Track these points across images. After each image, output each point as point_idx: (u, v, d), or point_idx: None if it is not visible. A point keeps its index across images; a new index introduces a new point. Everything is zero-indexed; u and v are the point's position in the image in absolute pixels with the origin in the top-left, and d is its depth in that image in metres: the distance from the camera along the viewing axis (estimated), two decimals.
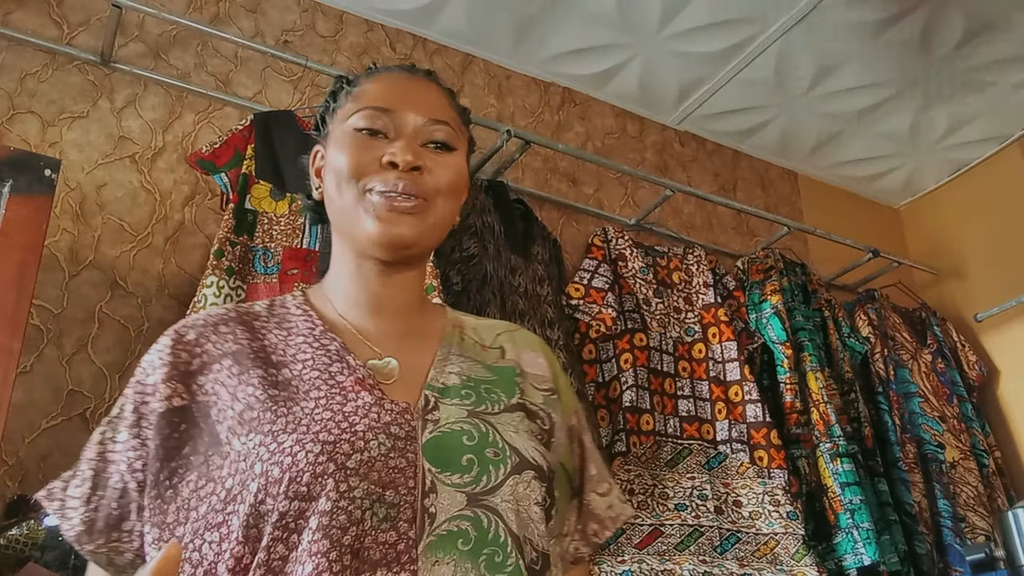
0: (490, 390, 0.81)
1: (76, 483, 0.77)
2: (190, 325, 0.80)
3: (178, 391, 0.75)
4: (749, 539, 2.11)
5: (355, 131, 0.82)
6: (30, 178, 1.46)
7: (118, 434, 0.77)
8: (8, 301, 1.35)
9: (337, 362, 0.77)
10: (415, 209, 0.80)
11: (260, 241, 1.82)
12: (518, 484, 0.74)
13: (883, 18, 2.45)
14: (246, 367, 0.76)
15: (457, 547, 0.68)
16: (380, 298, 0.84)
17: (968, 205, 3.17)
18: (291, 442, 0.68)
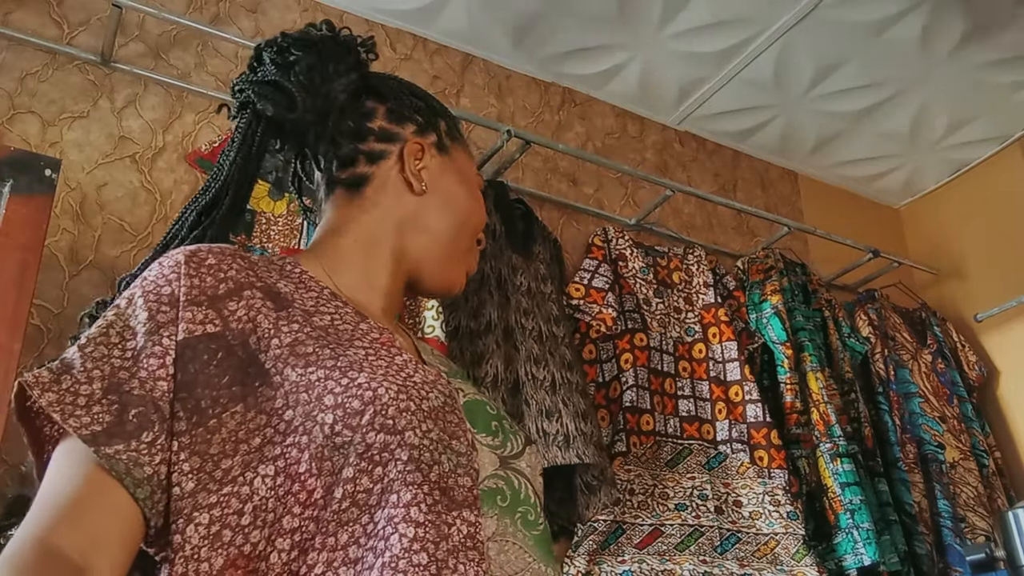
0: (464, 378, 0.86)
1: (77, 379, 0.63)
2: (206, 249, 0.72)
3: (209, 317, 0.68)
4: (749, 539, 2.11)
5: (474, 176, 0.91)
6: (30, 178, 1.46)
7: (128, 340, 0.66)
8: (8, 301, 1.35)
9: (363, 322, 0.76)
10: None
11: (258, 241, 1.82)
12: (532, 454, 0.79)
13: (883, 18, 2.45)
14: (280, 303, 0.72)
15: (497, 503, 0.71)
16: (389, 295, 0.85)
17: (968, 205, 3.17)
18: (365, 378, 0.67)
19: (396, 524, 0.62)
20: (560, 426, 1.89)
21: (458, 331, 1.95)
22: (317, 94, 0.82)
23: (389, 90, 0.89)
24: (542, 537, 0.74)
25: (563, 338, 2.14)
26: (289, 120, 0.82)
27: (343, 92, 0.84)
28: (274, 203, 1.87)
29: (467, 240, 0.87)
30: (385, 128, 0.86)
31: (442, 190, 0.86)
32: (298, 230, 1.86)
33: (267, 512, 0.63)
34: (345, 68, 0.84)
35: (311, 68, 0.82)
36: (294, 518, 0.63)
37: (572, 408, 1.95)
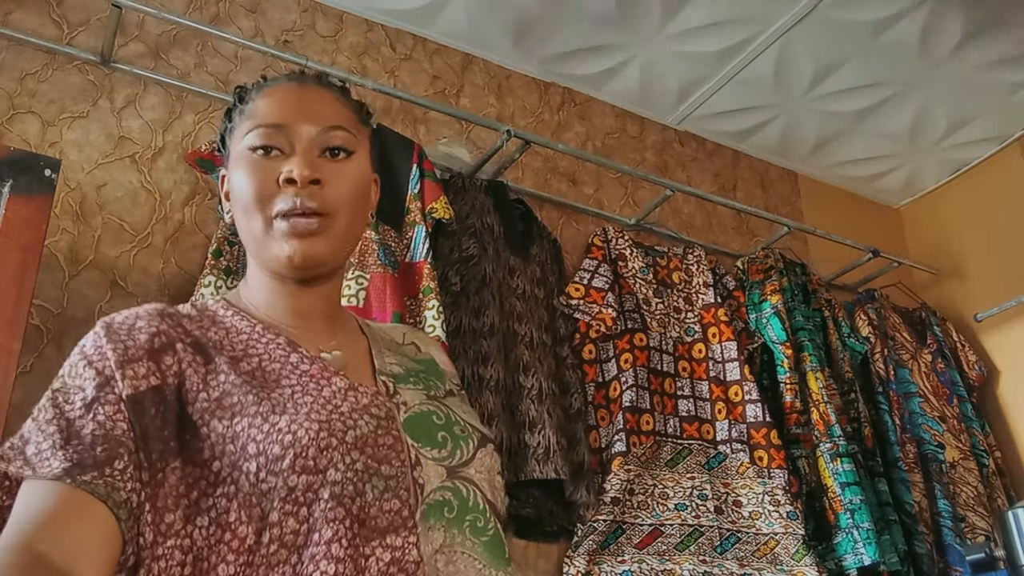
0: (427, 378, 0.86)
1: (39, 440, 0.67)
2: (133, 313, 0.76)
3: (151, 370, 0.71)
4: (749, 539, 2.11)
5: (250, 151, 0.82)
6: (30, 178, 1.46)
7: (73, 399, 0.70)
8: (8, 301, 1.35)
9: (293, 354, 0.78)
10: (320, 228, 0.79)
11: None
12: (485, 456, 0.81)
13: (883, 18, 2.45)
14: (208, 355, 0.75)
15: (444, 514, 0.73)
16: (303, 308, 0.84)
17: (968, 205, 3.17)
18: (285, 422, 0.69)
19: (318, 562, 0.65)
20: (542, 438, 1.91)
21: (460, 330, 1.95)
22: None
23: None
24: (491, 542, 0.76)
25: (551, 346, 2.14)
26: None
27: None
28: None
29: (257, 218, 0.80)
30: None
31: (233, 192, 0.84)
32: None
33: (203, 561, 0.66)
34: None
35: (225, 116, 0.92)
36: (228, 565, 0.66)
37: (555, 420, 1.95)
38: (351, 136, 0.85)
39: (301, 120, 0.83)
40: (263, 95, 0.86)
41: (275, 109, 0.84)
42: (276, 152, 0.82)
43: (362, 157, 0.86)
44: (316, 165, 0.80)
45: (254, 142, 0.82)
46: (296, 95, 0.86)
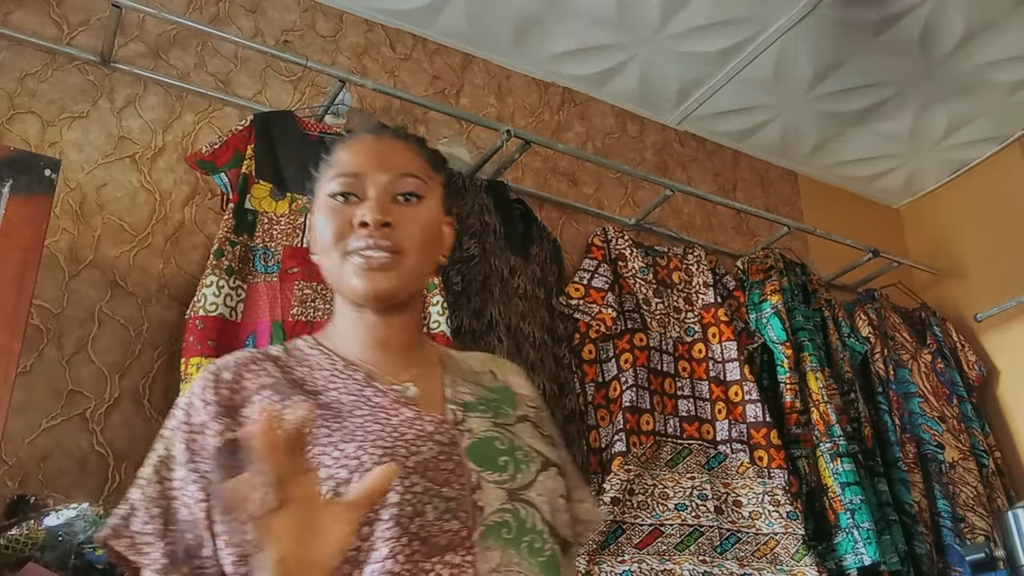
0: (498, 405, 0.92)
1: (143, 519, 0.80)
2: (223, 366, 0.87)
3: (229, 426, 0.81)
4: (749, 539, 2.11)
5: (330, 197, 0.91)
6: (30, 178, 1.46)
7: (174, 472, 0.81)
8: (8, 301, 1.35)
9: (368, 388, 0.86)
10: (390, 264, 0.87)
11: (260, 241, 1.82)
12: (547, 479, 0.85)
13: (883, 18, 2.45)
14: (286, 395, 0.84)
15: (502, 535, 0.78)
16: (384, 339, 0.91)
17: (968, 205, 3.17)
18: (353, 448, 0.77)
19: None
20: None
21: (461, 330, 1.95)
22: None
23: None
24: (547, 563, 0.80)
25: (552, 345, 2.14)
26: None
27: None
28: (276, 203, 1.87)
29: (334, 255, 0.89)
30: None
31: (316, 233, 0.94)
32: (300, 229, 1.86)
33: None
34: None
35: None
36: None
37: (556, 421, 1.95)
38: (422, 183, 0.93)
39: (375, 169, 0.91)
40: (344, 147, 0.96)
41: (353, 160, 0.93)
42: (353, 198, 0.90)
43: (432, 202, 0.94)
44: (387, 209, 0.89)
45: (334, 189, 0.91)
46: (373, 147, 0.95)
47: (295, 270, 1.81)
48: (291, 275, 1.81)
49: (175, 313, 1.80)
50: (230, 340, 1.70)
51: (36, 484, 1.56)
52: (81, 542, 1.36)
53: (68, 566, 1.33)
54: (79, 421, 1.65)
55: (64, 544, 1.35)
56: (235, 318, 1.72)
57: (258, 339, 1.73)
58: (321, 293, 1.82)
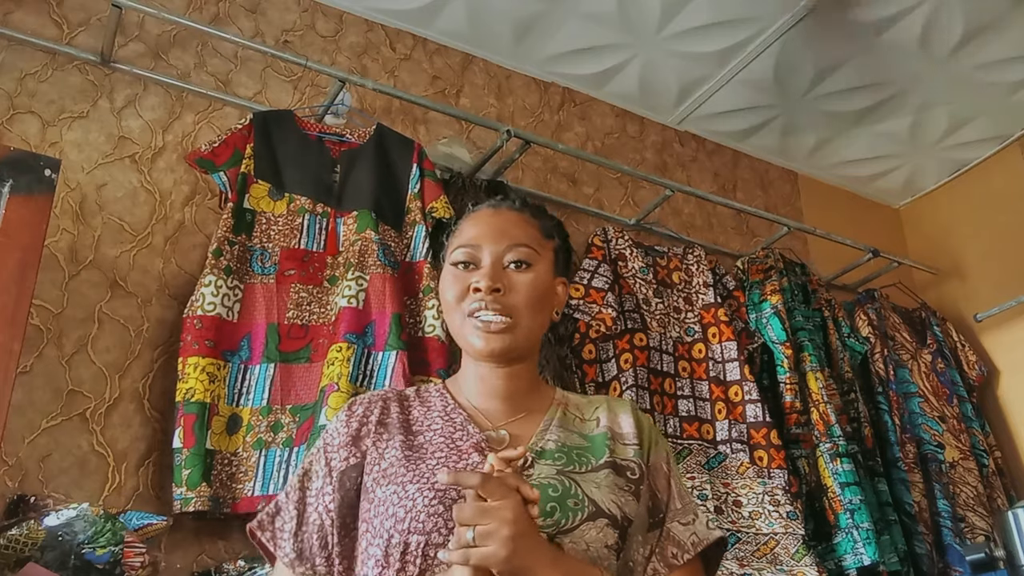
0: (581, 454, 1.00)
1: (284, 519, 0.97)
2: (359, 401, 1.04)
3: (352, 453, 0.98)
4: (749, 539, 2.11)
5: (452, 266, 1.05)
6: (30, 178, 1.46)
7: (313, 483, 0.99)
8: (8, 301, 1.35)
9: (460, 431, 1.00)
10: (504, 327, 1.00)
11: (258, 241, 1.82)
12: (591, 529, 0.91)
13: (883, 18, 2.45)
14: (393, 434, 0.99)
15: None
16: (497, 387, 1.04)
17: (968, 205, 3.17)
18: (414, 490, 0.90)
19: None
20: None
21: None
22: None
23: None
24: None
25: (554, 344, 2.14)
26: None
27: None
28: (274, 203, 1.87)
29: (456, 316, 1.02)
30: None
31: (441, 295, 1.07)
32: (298, 230, 1.86)
33: None
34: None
35: None
36: None
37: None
38: (531, 251, 1.05)
39: (490, 240, 1.04)
40: (466, 219, 1.10)
41: (472, 232, 1.06)
42: (471, 266, 1.04)
43: (543, 267, 1.06)
44: (499, 276, 1.02)
45: (456, 259, 1.05)
46: (490, 220, 1.08)
47: (291, 272, 1.81)
48: (287, 277, 1.81)
49: (175, 313, 1.80)
50: (227, 340, 1.71)
51: (36, 484, 1.56)
52: (81, 542, 1.36)
53: (68, 566, 1.33)
54: (79, 421, 1.65)
55: (64, 544, 1.35)
56: (232, 318, 1.72)
57: (253, 340, 1.73)
58: (317, 297, 1.82)
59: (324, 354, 1.74)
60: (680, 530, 1.01)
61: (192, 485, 1.55)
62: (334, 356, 1.70)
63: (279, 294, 1.78)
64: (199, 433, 1.59)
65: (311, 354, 1.76)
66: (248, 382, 1.70)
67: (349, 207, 1.91)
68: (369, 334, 1.76)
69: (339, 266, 1.85)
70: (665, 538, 1.01)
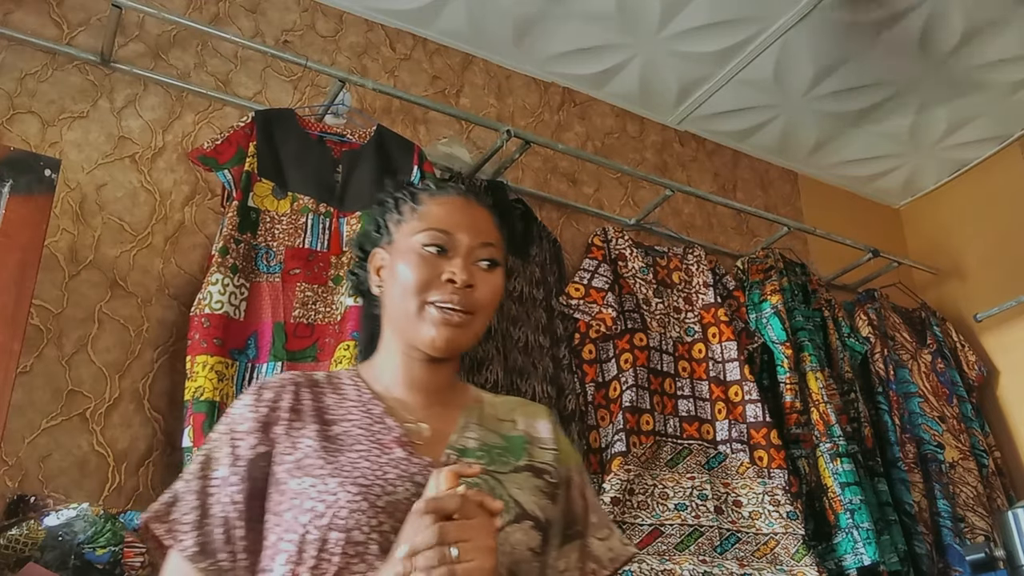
0: (501, 454, 0.98)
1: (183, 510, 0.89)
2: (267, 385, 0.97)
3: (262, 440, 0.92)
4: (749, 539, 2.11)
5: (423, 247, 0.99)
6: (30, 178, 1.46)
7: (215, 471, 0.91)
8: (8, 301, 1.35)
9: (378, 423, 0.95)
10: (463, 323, 0.96)
11: (263, 239, 1.82)
12: (515, 531, 0.89)
13: (883, 18, 2.45)
14: (306, 422, 0.93)
15: None
16: (421, 381, 1.00)
17: (968, 205, 3.17)
18: (335, 484, 0.85)
19: None
20: None
21: None
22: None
23: (372, 218, 1.09)
24: None
25: (549, 347, 2.14)
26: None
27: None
28: (278, 202, 1.87)
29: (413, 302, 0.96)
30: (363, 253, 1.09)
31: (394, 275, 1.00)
32: (302, 228, 1.86)
33: None
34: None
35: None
36: None
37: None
38: (498, 251, 1.03)
39: (464, 232, 1.00)
40: (436, 202, 1.04)
41: (448, 218, 1.01)
42: (442, 253, 0.99)
43: (502, 268, 1.04)
44: (471, 272, 0.98)
45: (427, 240, 0.99)
46: (463, 208, 1.04)
47: (297, 271, 1.81)
48: (293, 276, 1.81)
49: (175, 313, 1.80)
50: (234, 339, 1.71)
51: (36, 484, 1.56)
52: (81, 542, 1.36)
53: (68, 566, 1.33)
54: (79, 421, 1.65)
55: (64, 544, 1.35)
56: (239, 317, 1.72)
57: (260, 339, 1.73)
58: (322, 296, 1.82)
59: (330, 353, 1.74)
60: (597, 545, 1.02)
61: None
62: (341, 354, 1.71)
63: (285, 293, 1.78)
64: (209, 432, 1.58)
65: (317, 353, 1.76)
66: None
67: (351, 207, 1.91)
68: None
69: (343, 266, 1.85)
70: (584, 554, 1.01)
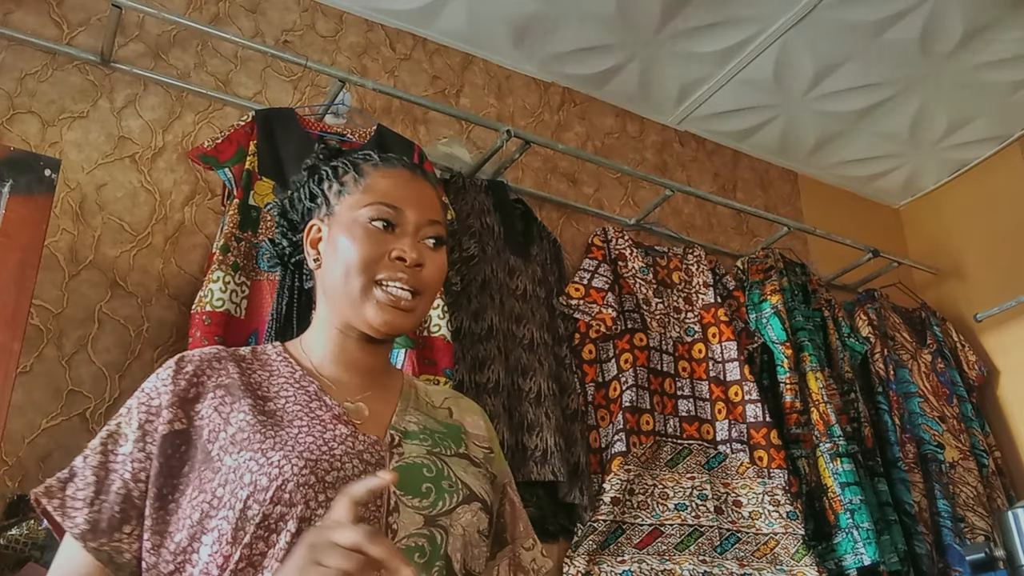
0: (442, 439, 0.95)
1: (78, 485, 0.84)
2: (188, 359, 0.91)
3: (179, 416, 0.86)
4: (749, 539, 2.11)
5: (369, 222, 0.93)
6: (30, 178, 1.46)
7: (121, 446, 0.86)
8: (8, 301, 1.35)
9: (316, 400, 0.90)
10: (412, 305, 0.92)
11: (263, 238, 1.82)
12: (466, 512, 0.88)
13: (883, 18, 2.45)
14: (237, 397, 0.88)
15: (414, 559, 0.81)
16: (356, 361, 0.96)
17: (968, 205, 3.17)
18: (279, 457, 0.80)
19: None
20: (540, 441, 1.92)
21: (460, 331, 1.95)
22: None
23: (302, 186, 1.03)
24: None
25: (552, 345, 2.14)
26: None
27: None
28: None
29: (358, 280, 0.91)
30: (294, 223, 1.04)
31: (335, 250, 0.94)
32: None
33: (207, 575, 0.78)
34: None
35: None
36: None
37: (553, 422, 1.96)
38: (444, 228, 0.98)
39: (413, 208, 0.95)
40: (382, 175, 0.98)
41: (394, 192, 0.96)
42: (390, 228, 0.94)
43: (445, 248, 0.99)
44: (420, 251, 0.93)
45: (374, 215, 0.93)
46: (411, 184, 0.98)
47: None
48: None
49: (175, 313, 1.80)
50: (235, 336, 1.70)
51: (36, 484, 1.55)
52: None
53: None
54: (79, 421, 1.65)
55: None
56: (239, 315, 1.72)
57: (260, 337, 1.73)
58: None
59: None
60: (524, 555, 1.02)
61: None
62: None
63: None
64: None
65: None
66: None
67: None
68: None
69: None
70: (514, 563, 1.01)
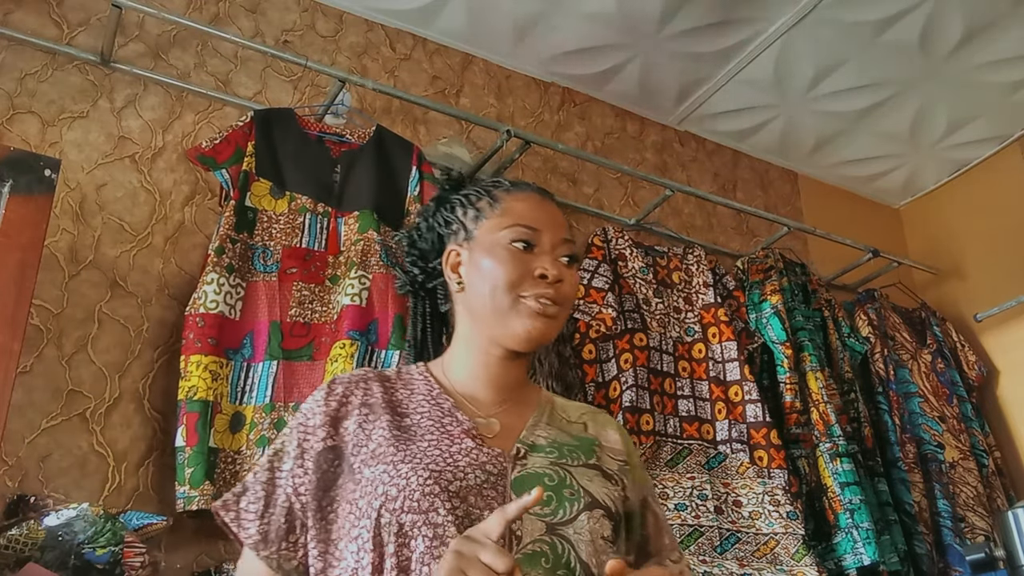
0: (572, 451, 0.99)
1: (249, 499, 0.94)
2: (339, 380, 1.01)
3: (330, 433, 0.95)
4: (749, 539, 2.11)
5: (510, 243, 1.01)
6: (30, 178, 1.46)
7: (284, 464, 0.95)
8: (8, 301, 1.35)
9: (448, 416, 0.98)
10: (555, 315, 1.00)
11: (260, 239, 1.82)
12: (589, 519, 0.91)
13: (883, 18, 2.45)
14: (378, 414, 0.97)
15: (541, 564, 0.85)
16: (496, 376, 1.03)
17: (968, 205, 3.17)
18: (407, 469, 0.88)
19: None
20: None
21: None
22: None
23: (431, 215, 1.11)
24: None
25: (554, 345, 2.14)
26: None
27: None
28: (275, 201, 1.87)
29: (505, 297, 0.98)
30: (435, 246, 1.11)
31: (480, 272, 1.02)
32: (299, 228, 1.86)
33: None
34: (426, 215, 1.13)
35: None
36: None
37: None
38: (576, 247, 1.06)
39: (549, 228, 1.03)
40: (515, 199, 1.06)
41: (532, 215, 1.04)
42: (529, 248, 1.02)
43: (577, 265, 1.07)
44: (560, 268, 1.01)
45: (515, 237, 1.02)
46: (545, 207, 1.07)
47: (294, 270, 1.82)
48: (290, 276, 1.81)
49: (175, 313, 1.80)
50: (229, 338, 1.71)
51: (36, 484, 1.56)
52: (81, 542, 1.36)
53: (68, 566, 1.33)
54: (79, 421, 1.65)
55: (64, 544, 1.35)
56: (234, 316, 1.72)
57: (256, 338, 1.73)
58: (319, 295, 1.82)
59: (326, 352, 1.74)
60: (672, 568, 1.02)
61: (195, 483, 1.55)
62: (337, 353, 1.71)
63: (281, 292, 1.78)
64: (202, 431, 1.58)
65: (313, 352, 1.76)
66: (251, 380, 1.70)
67: (350, 207, 1.91)
68: (372, 331, 1.77)
69: (341, 265, 1.85)
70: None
